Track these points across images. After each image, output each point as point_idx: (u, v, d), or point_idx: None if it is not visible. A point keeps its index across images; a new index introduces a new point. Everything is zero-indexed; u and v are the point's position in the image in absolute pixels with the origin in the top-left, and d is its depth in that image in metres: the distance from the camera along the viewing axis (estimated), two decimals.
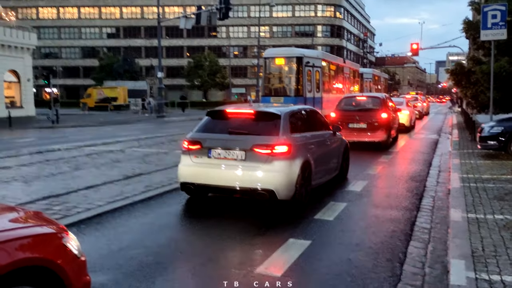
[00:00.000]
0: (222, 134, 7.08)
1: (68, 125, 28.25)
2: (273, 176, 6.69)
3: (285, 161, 6.80)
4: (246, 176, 6.73)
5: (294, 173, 6.91)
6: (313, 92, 20.06)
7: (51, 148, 14.56)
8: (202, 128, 7.36)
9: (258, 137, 6.89)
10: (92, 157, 12.42)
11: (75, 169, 10.46)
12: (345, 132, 13.46)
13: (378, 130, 14.58)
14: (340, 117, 14.73)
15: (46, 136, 20.54)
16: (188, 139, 7.21)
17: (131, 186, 8.48)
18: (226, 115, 7.38)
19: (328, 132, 8.93)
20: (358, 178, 9.82)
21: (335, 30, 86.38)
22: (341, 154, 9.50)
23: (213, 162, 6.93)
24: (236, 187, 6.77)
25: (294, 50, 21.65)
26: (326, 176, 8.55)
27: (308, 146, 7.56)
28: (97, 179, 9.13)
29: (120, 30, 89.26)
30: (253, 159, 6.76)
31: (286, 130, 7.09)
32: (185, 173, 7.12)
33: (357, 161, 11.59)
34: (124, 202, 7.24)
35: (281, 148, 6.79)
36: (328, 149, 8.69)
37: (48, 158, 12.10)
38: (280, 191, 6.74)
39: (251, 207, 7.16)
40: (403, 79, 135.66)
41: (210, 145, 7.03)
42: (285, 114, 7.34)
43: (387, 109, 15.42)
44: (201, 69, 72.82)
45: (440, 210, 7.09)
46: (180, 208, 7.12)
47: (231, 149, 6.88)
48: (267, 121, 7.19)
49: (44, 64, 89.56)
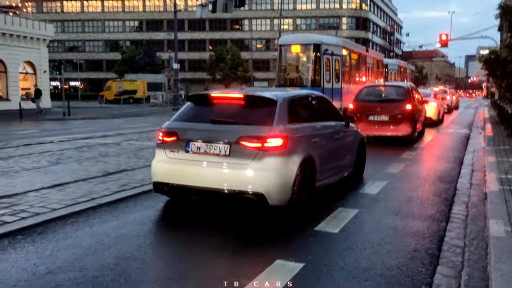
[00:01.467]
0: (203, 123, 5.77)
1: (79, 117, 27.45)
2: (264, 176, 5.35)
3: (279, 157, 5.45)
4: (230, 175, 5.41)
5: (290, 172, 5.55)
6: (332, 83, 18.55)
7: (44, 140, 13.54)
8: (181, 116, 6.06)
9: (246, 127, 5.54)
10: (81, 151, 11.29)
11: (54, 163, 9.32)
12: (364, 125, 12.00)
13: (402, 123, 13.02)
14: (359, 109, 13.23)
15: (49, 128, 19.66)
16: (163, 130, 5.92)
17: (105, 184, 7.26)
18: (210, 100, 6.06)
19: (339, 124, 7.52)
20: (375, 178, 8.38)
21: (361, 22, 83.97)
22: (355, 150, 8.07)
23: (191, 158, 5.63)
24: (218, 189, 5.46)
25: (311, 36, 20.14)
26: (335, 176, 7.15)
27: (311, 139, 6.18)
28: (71, 175, 7.95)
29: (143, 23, 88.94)
30: (239, 154, 5.43)
31: (282, 119, 5.73)
32: (159, 171, 5.84)
33: (376, 158, 10.14)
34: (87, 204, 6.01)
35: (274, 141, 5.44)
36: (339, 144, 7.29)
37: (32, 151, 11.03)
38: (272, 195, 5.40)
39: (242, 213, 5.83)
40: (431, 73, 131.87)
41: (188, 136, 5.72)
42: (283, 99, 5.98)
43: (412, 100, 13.83)
44: (222, 63, 71.93)
45: (476, 220, 5.63)
46: (152, 213, 5.84)
47: (213, 142, 5.56)
48: (260, 108, 5.84)
49: (68, 57, 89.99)
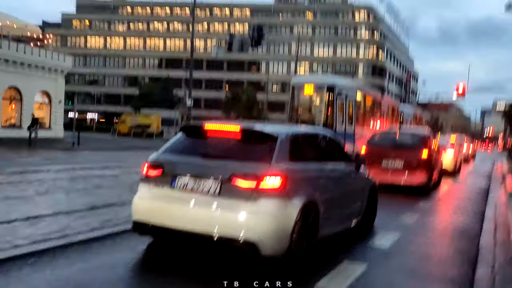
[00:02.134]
0: (193, 157, 5.11)
1: (87, 148, 27.08)
2: (257, 221, 4.62)
3: (276, 200, 4.72)
4: (218, 218, 4.69)
5: (289, 218, 4.81)
6: (345, 126, 17.89)
7: (41, 169, 12.99)
8: (170, 147, 5.40)
9: (241, 164, 4.86)
10: (74, 181, 10.69)
11: (41, 193, 8.69)
12: (377, 171, 11.22)
13: (418, 171, 12.20)
14: (372, 154, 12.45)
15: (53, 157, 19.17)
16: (148, 162, 5.27)
17: (86, 219, 6.56)
18: (204, 132, 5.40)
19: (349, 167, 6.81)
20: (388, 228, 7.55)
21: (377, 70, 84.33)
22: (365, 196, 7.29)
23: (177, 195, 4.93)
24: (204, 234, 4.72)
25: (325, 77, 19.75)
26: (342, 224, 6.36)
27: (315, 181, 5.45)
28: (53, 207, 7.29)
29: (162, 61, 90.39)
30: (231, 194, 4.73)
31: (282, 157, 5.04)
32: (139, 208, 5.14)
33: (389, 206, 9.31)
34: (57, 242, 5.30)
35: (272, 180, 4.73)
36: (347, 188, 6.54)
37: (23, 180, 10.46)
38: (266, 244, 4.64)
39: (233, 260, 5.06)
40: (446, 125, 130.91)
41: (175, 171, 5.05)
42: (285, 135, 5.31)
43: (430, 147, 13.08)
44: (238, 102, 72.16)
45: (504, 286, 4.78)
46: (129, 256, 5.10)
47: (202, 178, 4.87)
48: (258, 144, 5.17)
49: (88, 90, 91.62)
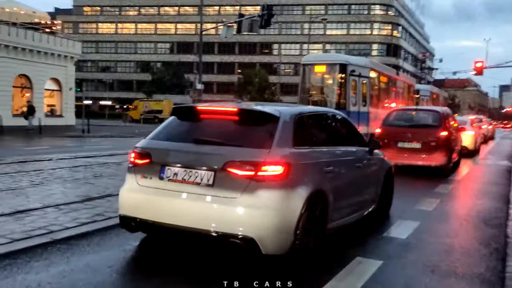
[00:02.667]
0: (184, 143, 4.54)
1: (97, 135, 26.81)
2: (255, 215, 4.06)
3: (278, 191, 4.15)
4: (211, 212, 4.14)
5: (293, 210, 4.24)
6: (359, 106, 17.19)
7: (43, 158, 12.58)
8: (160, 133, 4.85)
9: (237, 150, 4.29)
10: (74, 170, 10.24)
11: (36, 184, 8.23)
12: (392, 152, 10.57)
13: (437, 152, 11.50)
14: (387, 134, 11.79)
15: (61, 145, 18.88)
16: (135, 149, 4.73)
17: (76, 213, 6.08)
18: (197, 115, 4.83)
19: (362, 149, 6.19)
20: (404, 216, 6.95)
21: (392, 49, 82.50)
22: (380, 182, 6.68)
23: (166, 187, 4.39)
24: (196, 230, 4.18)
25: (337, 56, 18.93)
26: (354, 214, 5.77)
27: (323, 168, 4.86)
28: (44, 200, 6.82)
29: (174, 45, 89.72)
30: (225, 184, 4.17)
31: (285, 141, 4.45)
32: (126, 201, 4.61)
33: (405, 191, 8.68)
34: (39, 240, 4.82)
35: (272, 168, 4.16)
36: (360, 174, 5.93)
37: (22, 170, 10.04)
38: (267, 241, 4.09)
39: (231, 257, 4.53)
40: (463, 102, 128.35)
41: (163, 159, 4.50)
42: (288, 116, 4.71)
43: (449, 126, 12.34)
44: (250, 86, 71.36)
45: None
46: (116, 255, 4.59)
47: (194, 168, 4.32)
48: (257, 126, 4.58)
49: (100, 77, 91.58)
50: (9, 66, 31.83)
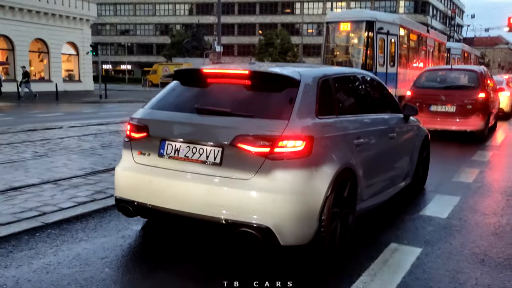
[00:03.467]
0: (187, 113, 3.83)
1: (115, 100, 26.28)
2: (272, 200, 3.37)
3: (298, 170, 3.44)
4: (219, 198, 3.46)
5: (317, 193, 3.53)
6: (386, 66, 16.14)
7: (54, 125, 12.07)
8: (160, 101, 4.14)
9: (249, 122, 3.56)
10: (83, 139, 9.67)
11: (40, 156, 7.69)
12: (424, 117, 9.66)
13: (473, 116, 10.55)
14: (418, 97, 10.86)
15: (75, 112, 18.44)
16: (132, 121, 4.05)
17: (75, 190, 5.50)
18: (203, 80, 4.08)
19: (396, 117, 5.39)
20: (442, 190, 6.19)
21: (419, 5, 79.02)
22: (416, 153, 5.90)
23: (166, 166, 3.72)
24: (203, 217, 3.52)
25: (363, 12, 17.73)
26: (387, 191, 5.04)
27: (353, 141, 4.11)
28: (44, 174, 6.26)
29: (193, 7, 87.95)
30: (235, 163, 3.47)
31: (307, 110, 3.70)
32: (122, 182, 3.97)
33: (439, 160, 7.90)
34: (27, 224, 4.24)
35: (291, 143, 3.43)
36: (394, 145, 5.16)
37: (28, 139, 9.52)
38: (285, 230, 3.41)
39: (242, 247, 3.89)
40: (493, 61, 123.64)
41: (162, 133, 3.82)
42: (311, 79, 3.93)
43: (486, 87, 11.31)
44: (272, 47, 69.73)
45: None
46: (112, 243, 3.98)
47: (198, 143, 3.63)
48: (273, 93, 3.82)
49: (119, 41, 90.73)
50: (24, 30, 31.32)
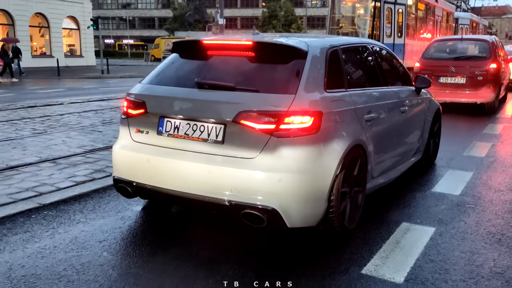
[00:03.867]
0: (187, 88, 3.59)
1: (117, 75, 25.94)
2: (278, 179, 3.16)
3: (305, 148, 3.22)
4: (222, 178, 3.26)
5: (325, 171, 3.32)
6: (393, 37, 15.73)
7: (55, 101, 11.86)
8: (158, 75, 3.90)
9: (253, 96, 3.32)
10: (84, 116, 9.47)
11: (39, 133, 7.51)
12: (433, 89, 9.36)
13: (484, 87, 10.25)
14: (427, 69, 10.53)
15: (77, 87, 18.16)
16: (129, 97, 3.83)
17: (74, 168, 5.32)
18: (203, 52, 3.83)
19: (408, 89, 5.13)
20: (454, 165, 5.98)
21: None
22: (427, 127, 5.67)
23: (165, 144, 3.51)
24: (205, 199, 3.33)
25: None
26: (399, 167, 4.83)
27: (363, 115, 3.87)
28: (42, 152, 6.08)
29: None
30: (238, 141, 3.26)
31: (315, 83, 3.45)
32: (119, 161, 3.79)
33: (450, 133, 7.69)
34: (22, 206, 4.07)
35: (298, 119, 3.20)
36: (406, 119, 4.91)
37: (28, 116, 9.33)
38: (293, 212, 3.22)
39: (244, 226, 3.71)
40: (500, 31, 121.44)
41: (161, 109, 3.59)
42: (319, 50, 3.67)
43: (497, 58, 10.95)
44: (275, 19, 68.64)
45: None
46: (111, 225, 3.82)
47: (198, 120, 3.41)
48: (278, 65, 3.57)
49: (121, 14, 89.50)
50: (23, 4, 30.80)
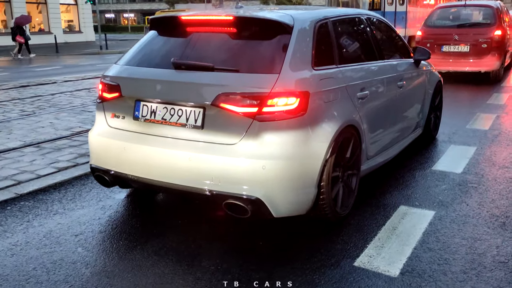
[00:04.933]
0: (163, 69, 3.32)
1: (115, 51, 25.53)
2: (261, 167, 2.93)
3: (291, 132, 2.97)
4: (202, 166, 3.02)
5: (314, 156, 3.08)
6: (395, 5, 15.20)
7: (48, 80, 11.57)
8: (134, 55, 3.62)
9: (232, 77, 3.06)
10: (75, 95, 9.20)
11: (27, 114, 7.27)
12: (436, 58, 9.04)
13: (488, 55, 9.88)
14: (430, 37, 10.16)
15: (74, 65, 17.84)
16: (104, 80, 3.56)
17: (57, 153, 5.10)
18: (181, 28, 3.54)
19: (406, 62, 4.83)
20: (456, 140, 5.72)
21: None
22: (428, 100, 5.39)
23: (142, 130, 3.27)
24: (183, 188, 3.11)
25: None
26: (396, 146, 4.58)
27: (355, 93, 3.60)
28: (26, 136, 5.86)
29: None
30: (218, 126, 3.01)
31: (301, 60, 3.18)
32: (96, 149, 3.54)
33: (452, 105, 7.42)
34: None
35: (282, 100, 2.95)
36: (404, 94, 4.63)
37: (18, 96, 9.08)
38: (279, 201, 3.00)
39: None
40: None
41: (136, 92, 3.34)
42: (306, 24, 3.38)
43: (502, 24, 10.52)
44: None
45: None
46: (90, 216, 3.61)
47: (176, 104, 3.15)
48: (262, 41, 3.29)
49: None
50: None
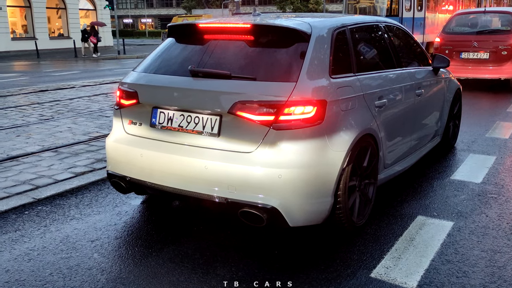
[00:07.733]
0: (180, 76, 3.33)
1: (133, 56, 25.81)
2: (278, 175, 2.91)
3: (308, 141, 2.95)
4: (218, 174, 3.02)
5: (331, 165, 3.05)
6: (413, 11, 15.08)
7: (67, 85, 11.75)
8: (152, 62, 3.64)
9: (249, 85, 3.05)
10: (94, 100, 9.31)
11: (46, 119, 7.37)
12: (454, 65, 8.94)
13: (508, 62, 9.72)
14: (448, 44, 10.05)
15: (92, 69, 18.07)
16: (122, 87, 3.59)
17: (75, 158, 5.15)
18: (199, 36, 3.55)
19: (424, 70, 4.77)
20: (475, 149, 5.63)
21: None
22: (447, 109, 5.31)
23: (159, 137, 3.28)
24: (199, 195, 3.11)
25: None
26: (414, 154, 4.52)
27: (373, 102, 3.57)
28: (44, 141, 5.94)
29: None
30: (235, 134, 3.01)
31: (319, 68, 3.16)
32: (113, 155, 3.56)
33: (470, 113, 7.32)
34: (16, 201, 3.90)
35: (299, 109, 2.93)
36: (422, 102, 4.57)
37: (37, 101, 9.21)
38: (295, 210, 2.97)
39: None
40: None
41: (153, 100, 3.36)
42: (324, 32, 3.36)
43: None
44: None
45: None
46: (106, 222, 3.63)
47: (193, 111, 3.16)
48: (280, 50, 3.28)
49: None
50: None
